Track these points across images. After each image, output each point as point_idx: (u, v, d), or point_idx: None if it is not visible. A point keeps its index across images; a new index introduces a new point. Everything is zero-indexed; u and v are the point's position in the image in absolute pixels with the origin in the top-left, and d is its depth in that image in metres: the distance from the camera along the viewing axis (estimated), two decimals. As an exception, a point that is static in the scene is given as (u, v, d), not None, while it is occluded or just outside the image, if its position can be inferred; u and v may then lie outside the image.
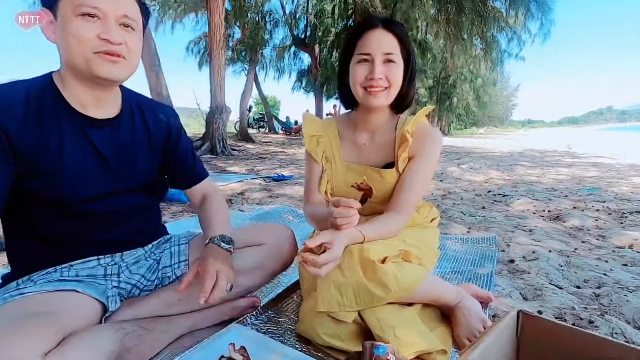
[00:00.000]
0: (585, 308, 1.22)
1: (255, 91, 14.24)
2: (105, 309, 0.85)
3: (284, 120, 17.87)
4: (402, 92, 1.05)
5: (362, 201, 0.90)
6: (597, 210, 2.78)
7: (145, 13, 0.86)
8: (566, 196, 3.37)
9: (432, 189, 3.72)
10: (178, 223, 2.13)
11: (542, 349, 0.75)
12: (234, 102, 13.59)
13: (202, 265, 0.84)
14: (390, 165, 1.09)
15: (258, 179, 4.04)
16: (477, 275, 1.45)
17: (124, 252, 0.97)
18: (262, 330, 0.98)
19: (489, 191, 3.61)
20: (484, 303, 1.17)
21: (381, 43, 0.99)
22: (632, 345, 0.72)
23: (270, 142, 11.26)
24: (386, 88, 1.01)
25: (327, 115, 17.06)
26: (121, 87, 0.91)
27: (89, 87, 0.81)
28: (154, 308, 0.95)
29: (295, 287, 1.23)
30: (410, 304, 1.02)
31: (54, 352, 0.64)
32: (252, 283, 1.07)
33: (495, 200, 3.17)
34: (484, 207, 2.84)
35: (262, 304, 1.10)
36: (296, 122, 18.62)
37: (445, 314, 1.08)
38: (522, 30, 8.61)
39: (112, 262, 0.95)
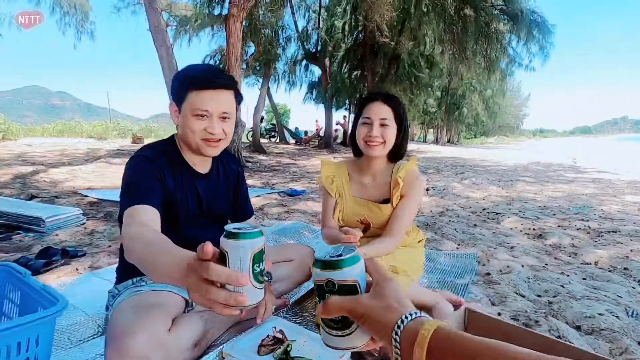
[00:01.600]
0: (536, 312, 1.58)
1: (267, 102, 14.78)
2: (187, 303, 1.25)
3: (293, 130, 18.40)
4: (397, 146, 1.46)
5: (364, 230, 1.30)
6: (578, 229, 3.11)
7: (239, 99, 1.24)
8: (554, 215, 3.70)
9: (432, 206, 4.09)
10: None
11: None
12: (247, 112, 14.14)
13: None
14: (386, 200, 1.49)
15: (274, 194, 4.47)
16: (456, 285, 1.82)
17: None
18: (292, 321, 1.38)
19: (484, 209, 3.96)
20: (456, 306, 1.54)
21: (379, 111, 1.41)
22: (559, 340, 1.04)
23: (281, 152, 11.72)
24: (382, 143, 1.42)
25: (336, 124, 17.50)
26: None
27: (197, 155, 1.22)
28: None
29: (313, 290, 1.62)
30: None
31: (172, 330, 1.04)
32: (284, 289, 1.47)
33: (488, 218, 3.52)
34: (475, 225, 3.20)
35: (291, 303, 1.50)
36: (306, 133, 19.11)
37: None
38: (527, 47, 8.96)
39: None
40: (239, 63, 8.13)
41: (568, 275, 2.03)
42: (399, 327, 0.40)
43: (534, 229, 3.09)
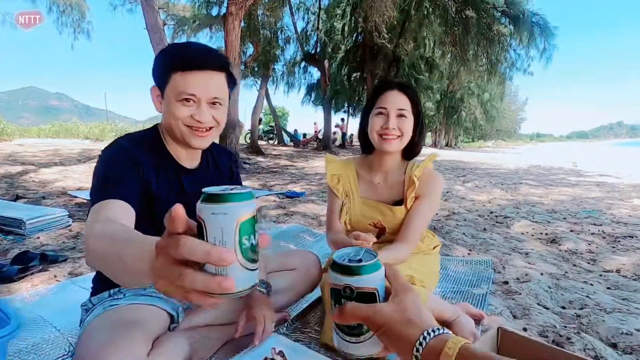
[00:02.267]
0: (565, 327, 1.42)
1: (265, 103, 14.64)
2: (172, 319, 1.08)
3: (292, 132, 18.25)
4: (413, 142, 1.30)
5: (378, 236, 1.13)
6: (593, 234, 2.96)
7: (233, 83, 1.07)
8: (565, 218, 3.54)
9: (438, 209, 3.93)
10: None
11: (518, 360, 0.96)
12: (245, 114, 13.97)
13: (251, 313, 1.07)
14: (399, 202, 1.33)
15: (272, 196, 4.29)
16: (473, 295, 1.66)
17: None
18: (292, 338, 1.21)
19: (492, 212, 3.81)
20: (477, 320, 1.38)
21: (396, 101, 1.24)
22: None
23: (279, 154, 11.56)
24: (398, 137, 1.26)
25: (335, 127, 17.38)
26: None
27: (183, 147, 1.05)
28: (208, 319, 1.18)
29: (317, 302, 1.45)
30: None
31: (152, 353, 0.87)
32: (285, 302, 1.30)
33: (496, 222, 3.37)
34: (485, 229, 3.04)
35: (292, 318, 1.32)
36: (304, 135, 18.95)
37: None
38: (526, 51, 8.87)
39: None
40: (237, 63, 7.98)
41: (592, 285, 1.87)
42: (420, 343, 0.40)
43: (546, 234, 2.93)
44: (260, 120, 14.76)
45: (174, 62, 0.94)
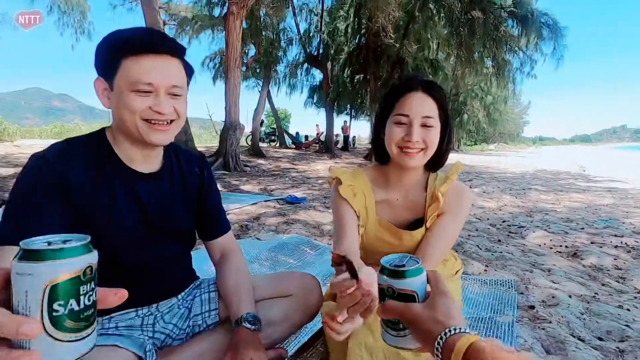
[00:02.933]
0: (610, 367, 1.21)
1: (267, 105, 14.49)
2: (141, 361, 0.88)
3: (294, 135, 18.09)
4: (440, 153, 1.08)
5: (353, 275, 0.84)
6: (616, 246, 2.75)
7: (190, 72, 0.92)
8: (582, 229, 3.33)
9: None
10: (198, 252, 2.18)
11: None
12: (246, 116, 13.84)
13: (236, 355, 0.86)
14: (419, 221, 1.12)
15: (272, 201, 4.10)
16: (498, 324, 1.45)
17: (160, 302, 1.01)
18: (290, 384, 1.01)
19: (504, 221, 3.59)
20: None
21: (420, 107, 1.00)
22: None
23: (281, 157, 11.37)
24: (422, 149, 1.03)
25: (341, 128, 17.19)
26: None
27: (139, 147, 0.87)
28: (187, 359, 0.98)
29: (318, 334, 1.25)
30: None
31: None
32: (279, 335, 1.09)
33: (510, 232, 3.16)
34: (499, 240, 2.83)
35: (289, 355, 1.12)
36: (306, 137, 18.79)
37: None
38: (535, 53, 8.68)
39: (149, 313, 0.98)
40: (238, 64, 7.81)
41: (628, 310, 1.66)
42: (441, 338, 0.45)
43: (565, 246, 2.72)
44: (262, 122, 14.59)
45: (124, 45, 0.78)
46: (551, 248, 2.71)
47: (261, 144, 13.08)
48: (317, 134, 17.46)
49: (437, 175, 1.12)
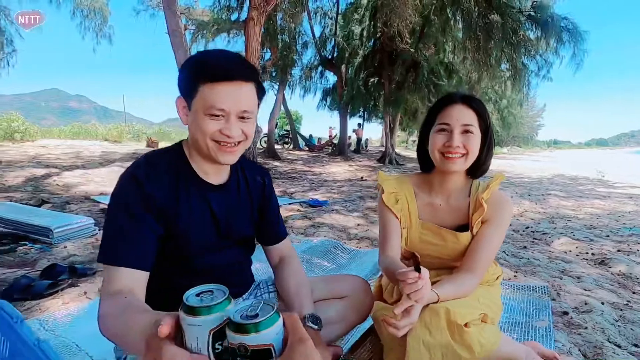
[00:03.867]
0: (650, 372, 1.26)
1: (281, 108, 14.63)
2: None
3: (307, 137, 18.21)
4: (480, 160, 1.16)
5: (417, 269, 0.94)
6: (643, 254, 2.75)
7: (261, 94, 0.98)
8: (607, 236, 3.33)
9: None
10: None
11: None
12: (260, 118, 14.00)
13: None
14: (463, 227, 1.19)
15: (295, 204, 4.19)
16: (535, 329, 1.51)
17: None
18: (348, 379, 1.09)
19: (527, 227, 3.61)
20: (551, 363, 1.23)
21: (461, 116, 1.11)
22: None
23: (295, 159, 11.49)
24: (463, 155, 1.12)
25: (353, 131, 17.23)
26: None
27: (210, 163, 0.96)
28: None
29: (368, 332, 1.33)
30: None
31: None
32: (336, 334, 1.17)
33: (534, 239, 3.18)
34: (525, 247, 2.87)
35: (344, 353, 1.20)
36: (319, 140, 18.88)
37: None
38: (551, 55, 8.57)
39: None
40: (256, 67, 7.96)
41: (662, 318, 1.69)
42: None
43: (592, 254, 2.74)
44: (276, 124, 14.75)
45: (203, 72, 0.86)
46: (577, 255, 2.73)
47: (275, 146, 13.23)
48: (330, 136, 17.55)
49: (479, 184, 1.20)
